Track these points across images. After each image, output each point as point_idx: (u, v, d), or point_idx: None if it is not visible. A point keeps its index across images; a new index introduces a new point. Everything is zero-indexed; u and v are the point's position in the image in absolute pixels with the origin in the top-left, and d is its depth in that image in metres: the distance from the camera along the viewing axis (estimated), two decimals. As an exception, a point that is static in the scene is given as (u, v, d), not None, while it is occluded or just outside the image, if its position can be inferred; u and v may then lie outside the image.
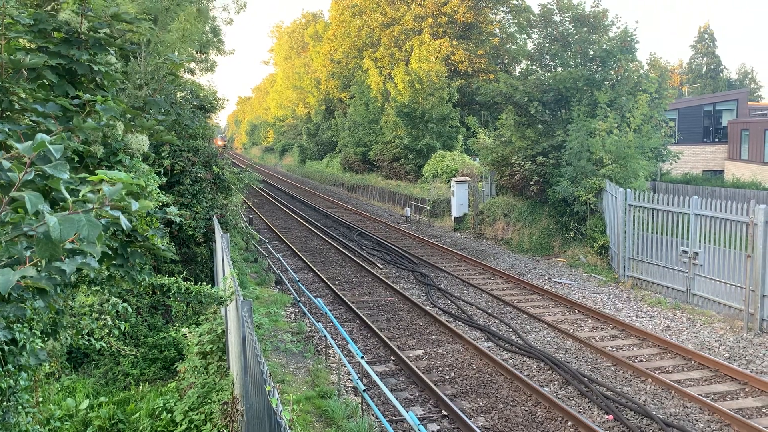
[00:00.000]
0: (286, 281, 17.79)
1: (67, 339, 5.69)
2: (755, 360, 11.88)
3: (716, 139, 38.13)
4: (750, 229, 13.45)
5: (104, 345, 6.31)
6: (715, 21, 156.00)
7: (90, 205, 2.10)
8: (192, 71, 22.56)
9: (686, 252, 15.50)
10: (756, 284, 13.34)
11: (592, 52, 22.50)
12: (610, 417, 9.61)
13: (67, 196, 2.06)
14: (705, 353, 12.11)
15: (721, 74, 68.63)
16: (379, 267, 20.53)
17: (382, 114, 42.88)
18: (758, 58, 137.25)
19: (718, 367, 11.41)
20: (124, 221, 2.20)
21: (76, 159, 4.32)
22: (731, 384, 10.84)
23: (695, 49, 70.31)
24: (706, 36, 69.49)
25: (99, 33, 4.40)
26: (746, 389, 10.61)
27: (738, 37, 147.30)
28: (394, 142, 39.46)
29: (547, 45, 23.76)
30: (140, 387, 10.47)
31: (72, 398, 9.70)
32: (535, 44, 24.83)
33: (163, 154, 13.03)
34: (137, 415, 9.32)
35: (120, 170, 4.11)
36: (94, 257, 2.31)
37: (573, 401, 10.28)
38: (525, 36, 41.58)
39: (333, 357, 12.06)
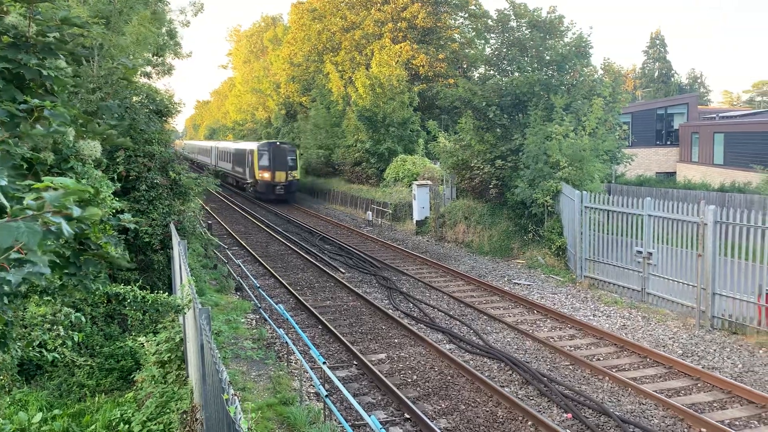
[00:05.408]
0: (247, 288, 17.59)
1: (17, 351, 5.53)
2: (707, 356, 12.26)
3: (668, 142, 39.25)
4: (700, 229, 13.88)
5: (57, 356, 6.15)
6: (665, 27, 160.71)
7: (30, 212, 2.04)
8: (149, 75, 22.16)
9: (640, 252, 15.90)
10: (707, 282, 13.77)
11: (548, 57, 22.92)
12: (569, 415, 9.79)
13: (5, 202, 2.00)
14: (660, 351, 12.44)
15: (672, 79, 70.80)
16: (341, 271, 20.48)
17: (344, 118, 42.84)
18: (706, 63, 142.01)
19: (672, 364, 11.73)
20: (65, 228, 2.14)
21: (25, 166, 4.20)
22: (684, 380, 11.16)
23: (647, 54, 72.37)
24: (658, 42, 71.60)
25: (48, 37, 4.29)
26: (698, 385, 10.93)
27: (687, 42, 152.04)
28: (355, 146, 39.43)
29: (505, 50, 24.12)
30: (96, 398, 10.19)
31: (24, 412, 9.38)
32: (492, 49, 25.16)
33: (117, 160, 12.77)
34: (93, 427, 9.07)
35: (71, 177, 4.01)
36: (42, 266, 2.25)
37: (533, 401, 10.44)
38: (483, 41, 42.13)
39: (295, 363, 11.98)
